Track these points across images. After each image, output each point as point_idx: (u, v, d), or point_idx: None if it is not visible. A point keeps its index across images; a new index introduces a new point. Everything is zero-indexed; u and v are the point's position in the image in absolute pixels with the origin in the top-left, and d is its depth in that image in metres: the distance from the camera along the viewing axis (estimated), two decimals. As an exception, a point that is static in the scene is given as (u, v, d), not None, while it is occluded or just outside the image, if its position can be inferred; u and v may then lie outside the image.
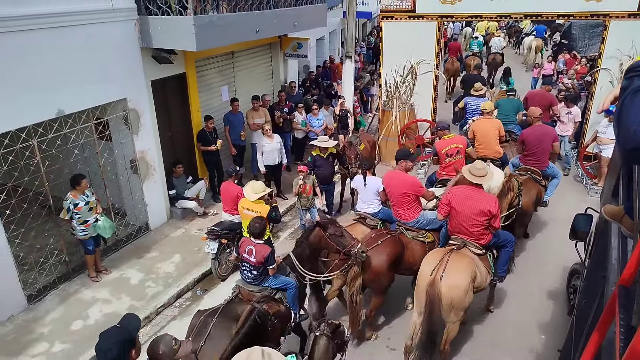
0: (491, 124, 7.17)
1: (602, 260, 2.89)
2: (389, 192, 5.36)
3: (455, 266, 4.37)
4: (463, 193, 4.71)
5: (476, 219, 4.58)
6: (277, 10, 7.94)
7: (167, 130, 7.66)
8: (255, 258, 4.24)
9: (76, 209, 5.67)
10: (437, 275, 4.30)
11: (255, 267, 4.29)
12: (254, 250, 4.26)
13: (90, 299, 5.81)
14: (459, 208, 4.66)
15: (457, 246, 4.67)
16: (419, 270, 4.53)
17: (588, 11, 8.75)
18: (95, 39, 5.88)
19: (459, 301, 4.30)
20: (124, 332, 2.78)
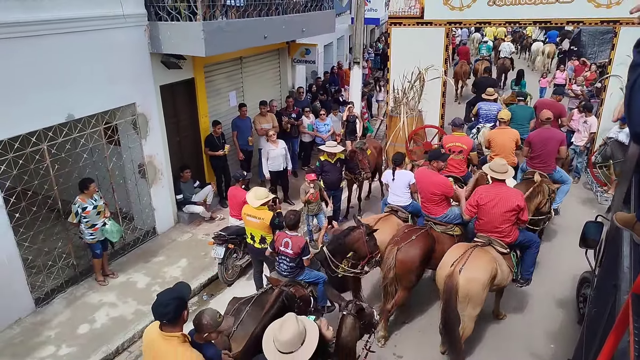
0: (508, 134, 7.20)
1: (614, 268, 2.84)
2: (420, 188, 5.53)
3: (476, 261, 4.50)
4: (490, 192, 4.81)
5: (506, 215, 4.69)
6: (286, 17, 7.98)
7: (175, 135, 7.70)
8: (292, 249, 4.48)
9: (84, 213, 5.70)
10: (456, 268, 4.45)
11: (291, 258, 4.52)
12: (291, 242, 4.50)
13: (97, 303, 5.83)
14: (488, 208, 4.76)
15: (482, 243, 4.80)
16: (441, 262, 4.70)
17: (598, 17, 8.70)
18: (105, 44, 5.94)
19: (475, 295, 4.41)
20: (179, 292, 3.03)
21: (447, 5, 9.46)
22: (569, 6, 8.72)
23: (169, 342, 2.89)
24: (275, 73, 10.25)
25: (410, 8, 9.76)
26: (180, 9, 6.35)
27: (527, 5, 8.96)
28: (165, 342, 2.89)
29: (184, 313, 2.97)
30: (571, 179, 6.68)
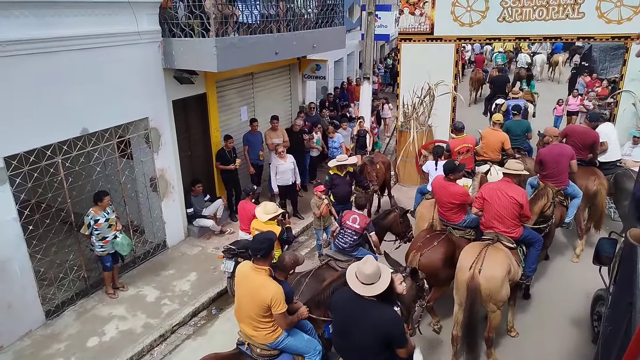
0: (497, 136, 7.86)
1: (628, 285, 2.80)
2: (437, 197, 5.77)
3: (492, 260, 4.70)
4: (496, 190, 5.11)
5: (509, 209, 4.97)
6: (297, 33, 8.08)
7: (187, 149, 7.78)
8: (359, 225, 5.20)
9: (96, 225, 5.76)
10: (475, 270, 4.65)
11: (357, 232, 5.20)
12: (358, 218, 5.24)
13: (106, 316, 5.84)
14: (495, 203, 5.04)
15: (492, 240, 4.99)
16: (458, 265, 4.89)
17: (609, 34, 8.69)
18: (120, 60, 6.07)
19: (496, 292, 4.63)
20: (271, 235, 3.94)
21: (456, 21, 9.53)
22: (579, 22, 8.73)
23: (258, 274, 3.64)
24: (286, 88, 10.35)
25: (420, 24, 9.85)
26: (194, 25, 6.47)
27: (537, 22, 9.00)
28: (256, 273, 3.65)
29: (272, 252, 3.70)
30: (582, 192, 6.62)
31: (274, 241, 3.77)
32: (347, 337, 3.34)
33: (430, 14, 9.68)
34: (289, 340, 3.83)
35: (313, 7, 8.89)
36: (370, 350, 2.97)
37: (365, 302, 3.22)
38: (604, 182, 6.83)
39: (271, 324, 3.71)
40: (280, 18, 7.80)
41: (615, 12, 8.46)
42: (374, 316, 3.18)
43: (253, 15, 7.20)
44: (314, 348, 3.93)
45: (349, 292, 3.29)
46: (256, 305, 3.62)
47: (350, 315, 3.28)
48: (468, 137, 7.74)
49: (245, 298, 3.71)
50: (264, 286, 3.59)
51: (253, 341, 3.80)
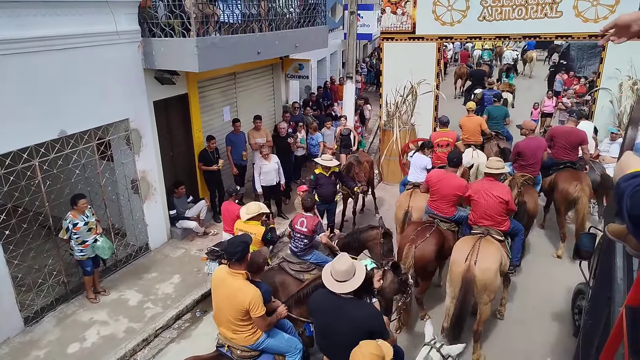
0: (474, 121, 8.86)
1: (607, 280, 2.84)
2: (437, 188, 5.75)
3: (486, 252, 4.86)
4: (482, 189, 5.29)
5: (496, 208, 5.17)
6: (279, 32, 8.05)
7: (169, 150, 7.69)
8: (307, 227, 5.04)
9: (75, 229, 5.64)
10: (471, 262, 4.78)
11: (306, 236, 5.05)
12: (306, 221, 5.08)
13: (87, 321, 5.73)
14: (482, 202, 5.21)
15: (482, 234, 5.14)
16: (452, 258, 5.01)
17: (586, 32, 8.85)
18: (99, 60, 5.96)
19: (491, 283, 4.78)
20: (245, 238, 3.82)
21: (438, 20, 9.61)
22: (557, 21, 8.88)
23: (235, 278, 3.62)
24: (268, 88, 10.31)
25: (402, 23, 9.90)
26: (174, 25, 6.39)
27: (517, 21, 9.12)
28: (232, 277, 3.63)
29: (248, 255, 3.68)
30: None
31: (249, 244, 3.74)
32: (329, 336, 3.39)
33: (412, 13, 9.74)
34: (269, 341, 3.84)
35: (295, 6, 8.87)
36: (353, 347, 2.98)
37: (343, 299, 3.27)
38: (586, 188, 6.73)
39: (250, 326, 3.72)
40: (262, 17, 7.76)
41: (592, 11, 8.63)
42: (352, 313, 3.23)
43: (234, 15, 7.14)
44: (294, 347, 3.94)
45: (325, 292, 3.36)
46: (234, 310, 3.62)
47: (329, 314, 3.32)
48: (450, 131, 8.17)
49: (223, 302, 3.70)
50: (242, 290, 3.58)
51: (233, 343, 3.80)
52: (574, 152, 7.15)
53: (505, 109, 9.84)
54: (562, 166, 7.15)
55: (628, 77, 8.81)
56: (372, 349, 2.86)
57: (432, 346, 3.31)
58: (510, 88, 14.17)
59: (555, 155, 7.27)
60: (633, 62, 8.44)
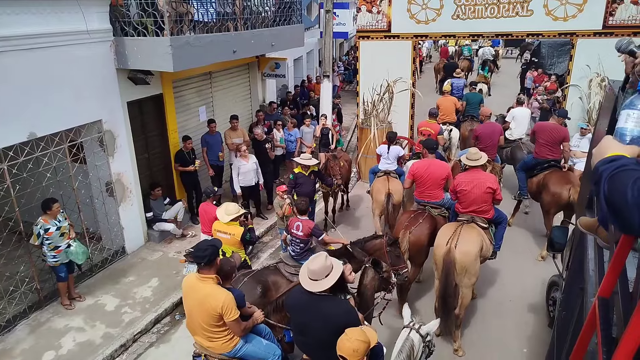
0: (450, 100, 10.38)
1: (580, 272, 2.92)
2: (427, 176, 5.95)
3: (466, 237, 5.05)
4: (468, 179, 5.41)
5: (484, 197, 5.32)
6: (255, 31, 7.99)
7: (144, 152, 7.55)
8: (302, 231, 4.97)
9: (47, 234, 5.48)
10: (452, 245, 4.98)
11: (302, 240, 4.99)
12: (301, 225, 5.00)
13: (63, 328, 5.58)
14: (469, 190, 5.33)
15: (467, 220, 5.31)
16: (436, 242, 5.24)
17: (556, 30, 9.08)
18: (69, 60, 5.80)
19: (470, 266, 4.95)
20: (214, 242, 3.84)
21: (413, 19, 9.70)
22: (528, 19, 9.08)
23: (205, 283, 3.53)
24: (245, 87, 10.23)
25: (377, 22, 9.96)
26: (147, 24, 6.27)
27: (489, 19, 9.29)
28: (202, 283, 3.54)
29: (217, 259, 3.60)
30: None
31: (217, 248, 3.68)
32: (306, 334, 3.41)
33: (387, 11, 9.80)
34: (247, 347, 3.76)
35: (271, 4, 8.82)
36: (330, 343, 3.02)
37: (318, 297, 3.29)
38: (577, 189, 6.58)
39: (226, 333, 3.63)
40: (237, 16, 7.69)
41: (561, 9, 8.85)
42: (327, 310, 3.26)
43: (209, 13, 7.05)
44: (273, 353, 3.88)
45: (302, 290, 3.37)
46: (207, 315, 3.52)
47: (305, 312, 3.35)
48: (435, 124, 8.77)
49: (195, 310, 3.60)
50: (212, 295, 3.49)
51: (210, 352, 3.71)
52: (556, 149, 7.13)
53: (480, 96, 11.10)
54: (547, 165, 7.11)
55: (596, 74, 9.07)
56: (357, 335, 2.94)
57: (411, 328, 3.44)
58: (485, 80, 15.76)
59: (538, 153, 7.24)
60: (601, 59, 8.68)
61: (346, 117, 13.67)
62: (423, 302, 6.09)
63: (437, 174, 5.92)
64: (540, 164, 7.19)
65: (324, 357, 3.23)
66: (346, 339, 2.94)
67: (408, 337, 3.38)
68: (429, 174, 5.94)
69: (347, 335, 2.96)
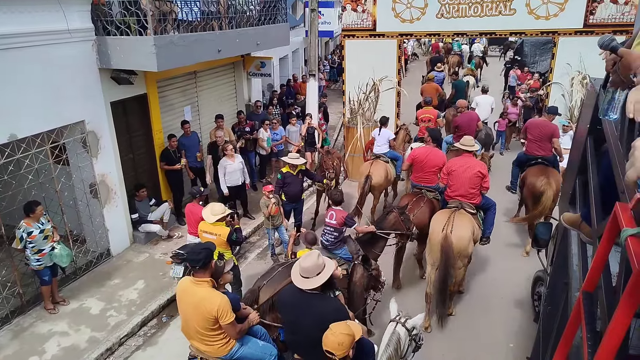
0: (432, 87, 11.87)
1: (564, 267, 2.96)
2: (424, 162, 6.49)
3: (460, 223, 5.40)
4: (460, 162, 5.83)
5: (474, 180, 5.68)
6: (240, 30, 7.94)
7: (129, 152, 7.45)
8: (336, 220, 5.13)
9: (30, 238, 5.37)
10: (447, 231, 5.32)
11: (335, 229, 5.12)
12: (335, 214, 5.18)
13: (46, 333, 5.49)
14: (459, 173, 5.72)
15: (456, 207, 5.64)
16: (431, 229, 5.54)
17: (538, 29, 9.21)
18: (50, 60, 5.69)
19: (464, 249, 5.36)
20: (208, 245, 3.81)
21: (398, 17, 9.75)
22: (511, 18, 9.20)
23: (200, 286, 3.53)
24: (230, 86, 10.16)
25: (362, 21, 9.98)
26: (130, 23, 6.18)
27: (473, 18, 9.38)
28: (197, 286, 3.53)
29: (212, 261, 3.60)
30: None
31: (212, 251, 3.65)
32: (297, 332, 3.44)
33: (372, 10, 9.83)
34: (244, 350, 3.74)
35: (255, 3, 8.77)
36: (319, 341, 3.03)
37: (308, 295, 3.33)
38: (552, 182, 6.77)
39: (222, 336, 3.61)
40: (221, 15, 7.63)
41: (543, 8, 8.98)
42: (317, 308, 3.31)
43: (193, 12, 6.99)
44: (269, 353, 3.85)
45: (293, 288, 3.41)
46: (203, 319, 3.50)
47: (296, 310, 3.38)
48: (432, 109, 9.69)
49: (190, 314, 3.58)
50: (208, 298, 3.47)
51: (207, 355, 3.69)
52: (546, 146, 7.11)
53: (463, 83, 13.20)
54: (534, 162, 7.15)
55: (578, 72, 9.23)
56: (342, 329, 2.99)
57: (397, 322, 3.50)
58: (472, 72, 17.01)
59: (528, 149, 7.29)
60: (582, 57, 8.84)
61: (332, 116, 13.68)
62: (411, 296, 6.13)
63: (434, 162, 6.44)
64: (530, 160, 7.25)
65: (314, 356, 3.23)
66: (330, 333, 2.98)
67: (394, 331, 3.43)
68: (428, 161, 6.47)
69: (332, 330, 3.00)
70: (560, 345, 1.71)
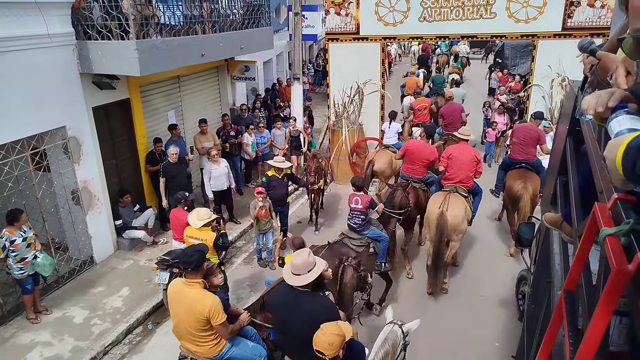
0: (412, 80, 14.23)
1: (546, 266, 3.01)
2: (414, 155, 6.90)
3: (454, 203, 6.05)
4: (459, 149, 6.51)
5: (470, 164, 6.33)
6: (223, 34, 7.91)
7: (112, 158, 7.35)
8: (362, 204, 5.53)
9: (13, 247, 5.26)
10: (443, 209, 5.95)
11: (362, 212, 5.54)
12: (360, 199, 5.56)
13: (28, 343, 5.37)
14: (458, 158, 6.36)
15: (451, 190, 6.24)
16: (428, 209, 6.23)
17: (518, 32, 9.37)
18: (30, 65, 5.60)
19: (458, 225, 6.00)
20: (201, 247, 3.90)
21: (381, 21, 9.81)
22: (492, 22, 9.33)
23: (192, 287, 3.58)
24: (214, 91, 10.11)
25: (346, 24, 10.03)
26: (111, 27, 6.12)
27: (455, 22, 9.49)
28: (189, 287, 3.58)
29: (204, 263, 3.67)
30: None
31: (204, 253, 3.71)
32: (287, 331, 3.49)
33: (355, 14, 9.88)
34: (234, 350, 3.78)
35: (239, 7, 8.75)
36: (310, 341, 3.06)
37: (298, 292, 3.39)
38: (529, 186, 6.78)
39: (213, 337, 3.65)
40: (204, 19, 7.60)
41: (523, 12, 9.14)
42: (307, 306, 3.37)
43: (176, 17, 6.95)
44: (259, 354, 3.90)
45: (283, 286, 3.49)
46: (194, 320, 3.53)
47: (287, 309, 3.44)
48: (425, 99, 11.54)
49: (181, 315, 3.61)
50: (200, 299, 3.52)
51: (197, 356, 3.73)
52: (529, 151, 7.09)
53: (443, 77, 15.51)
54: (518, 166, 7.15)
55: (557, 74, 9.40)
56: (332, 329, 3.04)
57: (394, 323, 3.63)
58: (458, 70, 18.18)
59: (511, 153, 7.33)
60: (561, 60, 9.00)
61: (317, 119, 13.70)
62: (409, 300, 6.17)
63: (425, 155, 6.88)
64: (514, 164, 7.25)
65: (305, 355, 3.24)
66: (321, 333, 3.01)
67: (392, 330, 3.55)
68: (419, 154, 6.89)
69: (322, 330, 3.03)
70: (543, 343, 1.74)
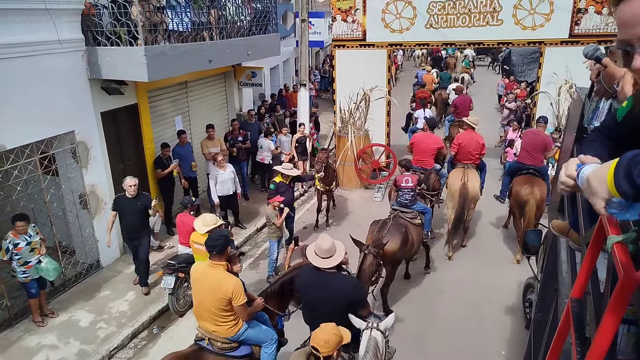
0: (430, 77, 16.44)
1: (554, 274, 2.99)
2: (423, 147, 7.69)
3: (471, 176, 7.28)
4: (468, 135, 7.55)
5: (478, 147, 7.42)
6: (230, 40, 7.97)
7: (119, 163, 7.41)
8: (412, 183, 6.41)
9: (16, 250, 5.29)
10: (464, 181, 7.15)
11: (412, 189, 6.41)
12: (410, 179, 6.45)
13: (35, 346, 5.40)
14: (468, 143, 7.41)
15: (465, 167, 7.41)
16: (451, 182, 7.42)
17: (525, 39, 9.36)
18: (40, 71, 5.67)
19: (476, 194, 7.29)
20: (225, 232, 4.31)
21: (387, 28, 9.84)
22: (498, 29, 9.33)
23: (216, 269, 3.82)
24: (221, 96, 10.17)
25: (352, 31, 10.07)
26: (120, 33, 6.19)
27: (461, 28, 9.50)
28: (213, 269, 3.83)
29: (228, 248, 3.92)
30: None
31: (228, 238, 4.00)
32: (316, 309, 3.80)
33: (362, 20, 9.92)
34: (249, 332, 4.01)
35: (246, 14, 8.82)
36: (337, 314, 3.46)
37: (327, 274, 3.72)
38: (535, 191, 6.74)
39: (232, 318, 3.88)
40: (212, 26, 7.66)
41: (530, 19, 9.14)
42: (338, 285, 3.71)
43: (184, 23, 7.01)
44: (270, 337, 4.16)
45: (310, 269, 3.81)
46: (217, 300, 3.75)
47: (317, 289, 3.75)
48: (426, 91, 13.95)
49: (204, 295, 3.84)
50: (224, 280, 3.77)
51: (214, 336, 3.93)
52: (537, 156, 7.07)
53: (448, 75, 18.07)
54: (525, 172, 7.11)
55: (565, 81, 9.37)
56: (331, 329, 3.19)
57: (371, 328, 3.60)
58: (467, 71, 20.01)
59: (519, 158, 7.37)
60: (569, 67, 8.98)
61: (324, 125, 13.74)
62: (414, 307, 6.14)
63: (431, 145, 7.65)
64: (520, 169, 7.24)
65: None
66: (319, 331, 3.13)
67: (371, 337, 3.54)
68: (426, 144, 7.65)
69: (321, 328, 3.15)
70: (550, 351, 1.73)
